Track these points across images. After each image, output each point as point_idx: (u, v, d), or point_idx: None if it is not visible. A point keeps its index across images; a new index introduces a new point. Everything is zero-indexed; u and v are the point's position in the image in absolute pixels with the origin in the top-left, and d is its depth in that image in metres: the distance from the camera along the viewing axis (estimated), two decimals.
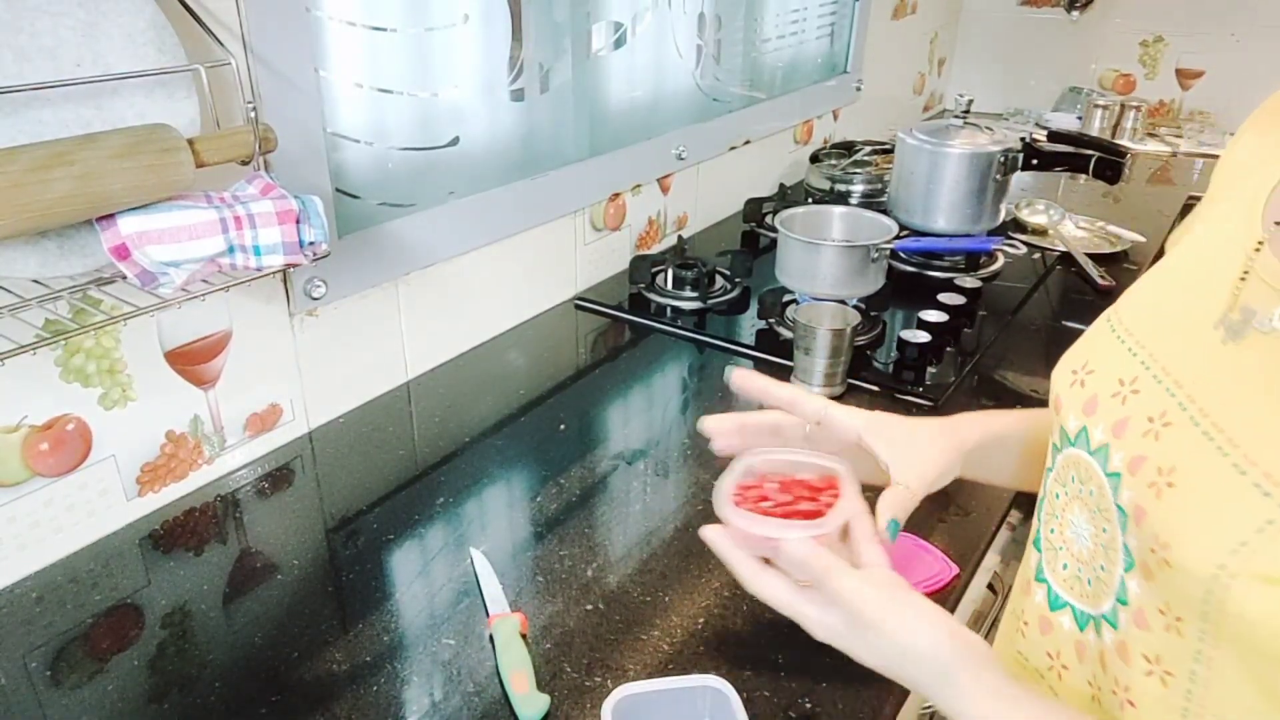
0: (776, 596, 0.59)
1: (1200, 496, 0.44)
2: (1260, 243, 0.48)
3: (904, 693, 0.74)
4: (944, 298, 1.44)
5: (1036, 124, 2.44)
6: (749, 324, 1.39)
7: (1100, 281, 1.52)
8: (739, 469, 0.66)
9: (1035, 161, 1.61)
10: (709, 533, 0.62)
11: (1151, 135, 2.40)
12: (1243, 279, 0.47)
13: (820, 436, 0.69)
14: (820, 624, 0.57)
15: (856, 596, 0.54)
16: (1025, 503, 0.88)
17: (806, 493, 0.63)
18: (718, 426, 0.71)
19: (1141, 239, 1.70)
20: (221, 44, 0.82)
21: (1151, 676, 0.47)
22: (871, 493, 0.65)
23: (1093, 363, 0.56)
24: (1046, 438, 0.63)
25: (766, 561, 0.61)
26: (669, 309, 1.43)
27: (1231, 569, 0.41)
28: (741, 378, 0.72)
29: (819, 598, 0.57)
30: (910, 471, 0.65)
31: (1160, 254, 0.64)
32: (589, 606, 0.82)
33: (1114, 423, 0.51)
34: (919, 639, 0.53)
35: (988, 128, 1.63)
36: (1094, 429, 0.52)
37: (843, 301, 1.29)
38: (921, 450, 0.66)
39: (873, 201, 1.82)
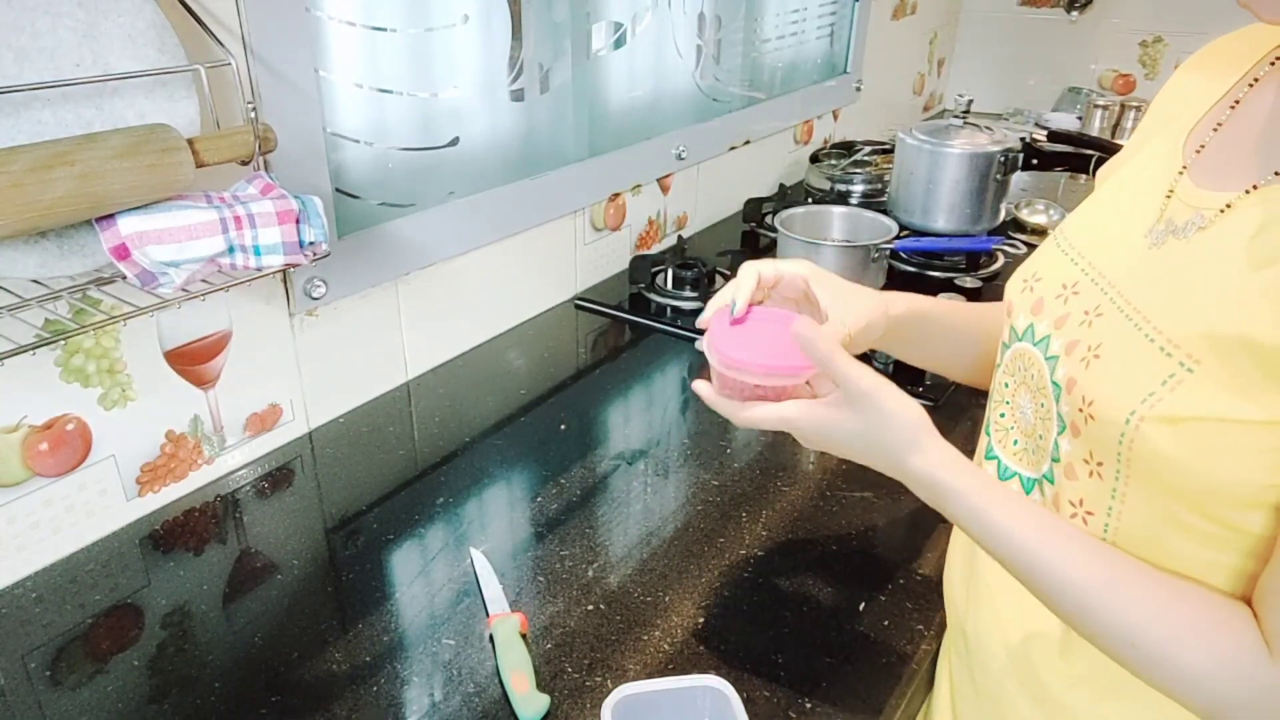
0: (763, 416, 0.66)
1: (1119, 362, 0.54)
2: (1183, 168, 0.58)
3: (903, 693, 0.74)
4: (944, 298, 1.43)
5: (1036, 124, 2.43)
6: None
7: None
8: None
9: (1035, 161, 1.61)
10: (698, 386, 0.70)
11: None
12: (1168, 197, 0.58)
13: (780, 290, 0.77)
14: (806, 417, 0.64)
15: (855, 370, 0.63)
16: None
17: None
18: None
19: None
20: (221, 44, 0.82)
21: (1075, 518, 0.58)
22: None
23: (1040, 272, 0.66)
24: (963, 327, 0.81)
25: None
26: (669, 309, 1.43)
27: (1141, 414, 0.51)
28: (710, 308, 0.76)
29: (799, 402, 0.65)
30: (846, 314, 0.74)
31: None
32: (589, 606, 0.82)
33: (1056, 318, 0.62)
34: (902, 406, 0.62)
35: (988, 128, 1.63)
36: (1039, 324, 0.63)
37: None
38: (856, 300, 0.75)
39: (873, 201, 1.82)
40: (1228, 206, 0.53)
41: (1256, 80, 0.58)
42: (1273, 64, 0.58)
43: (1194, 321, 0.51)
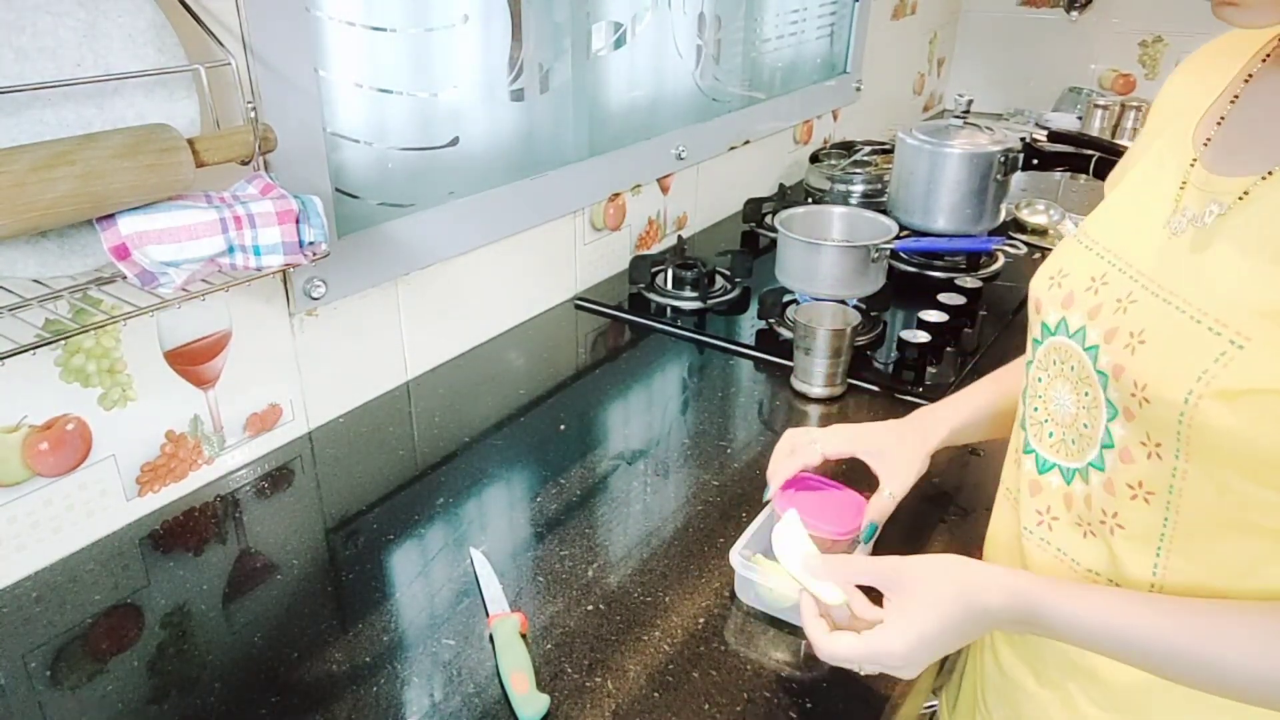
0: (847, 649, 0.64)
1: (1167, 344, 0.56)
2: (1194, 160, 0.61)
3: (904, 693, 0.74)
4: (944, 298, 1.44)
5: (1036, 124, 2.43)
6: (749, 324, 1.39)
7: None
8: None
9: (1035, 161, 1.61)
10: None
11: None
12: (1182, 188, 0.60)
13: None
14: (882, 638, 0.62)
15: (879, 563, 0.64)
16: None
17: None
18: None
19: None
20: (221, 44, 0.82)
21: (1136, 499, 0.59)
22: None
23: (1066, 268, 0.68)
24: (1002, 406, 0.83)
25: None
26: (669, 309, 1.43)
27: (1198, 392, 0.53)
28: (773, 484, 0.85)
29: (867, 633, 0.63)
30: (894, 480, 0.81)
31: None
32: (589, 606, 0.82)
33: (1089, 309, 0.63)
34: (935, 561, 0.63)
35: (988, 128, 1.63)
36: (1072, 317, 0.65)
37: (843, 301, 1.29)
38: (900, 457, 0.82)
39: (873, 201, 1.82)
40: (1245, 194, 0.55)
41: (1251, 76, 0.61)
42: (1264, 60, 0.61)
43: (1237, 301, 0.53)
